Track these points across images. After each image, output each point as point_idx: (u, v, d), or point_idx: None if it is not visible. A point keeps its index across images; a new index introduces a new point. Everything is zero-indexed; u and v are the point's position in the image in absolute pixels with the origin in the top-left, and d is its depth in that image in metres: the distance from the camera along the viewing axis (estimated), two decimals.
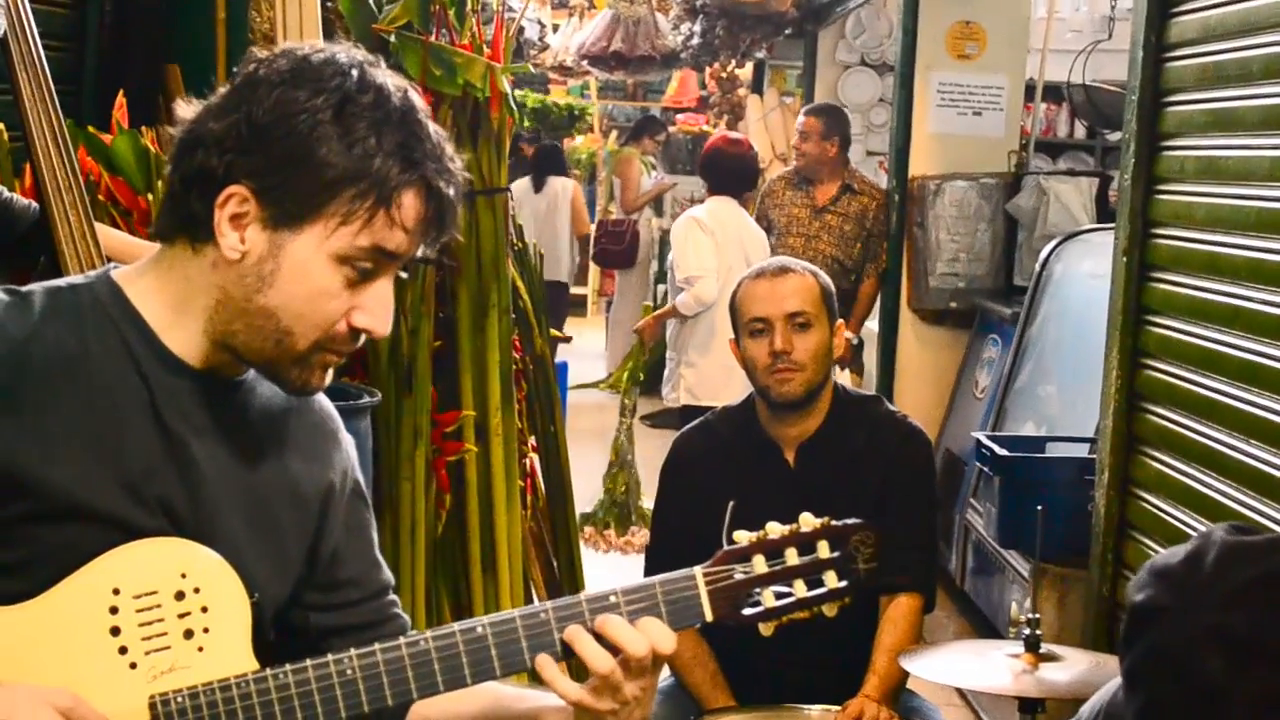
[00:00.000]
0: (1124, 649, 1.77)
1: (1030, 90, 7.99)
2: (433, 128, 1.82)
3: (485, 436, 4.42)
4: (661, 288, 12.61)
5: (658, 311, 6.55)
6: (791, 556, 1.90)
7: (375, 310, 1.82)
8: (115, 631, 1.77)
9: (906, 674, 3.10)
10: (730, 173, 6.76)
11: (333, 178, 1.75)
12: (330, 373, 1.87)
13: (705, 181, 6.92)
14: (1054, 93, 8.72)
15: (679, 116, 15.89)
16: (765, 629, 1.89)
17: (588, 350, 13.13)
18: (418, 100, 1.83)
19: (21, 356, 1.77)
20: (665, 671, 2.24)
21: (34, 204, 2.76)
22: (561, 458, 4.95)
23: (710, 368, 6.43)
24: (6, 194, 2.79)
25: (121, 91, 3.41)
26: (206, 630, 1.80)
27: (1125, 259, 4.11)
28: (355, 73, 1.79)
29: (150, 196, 3.28)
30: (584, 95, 16.60)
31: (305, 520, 1.99)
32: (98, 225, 2.74)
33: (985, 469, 4.82)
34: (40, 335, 1.79)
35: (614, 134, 16.19)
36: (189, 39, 4.04)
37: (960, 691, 5.27)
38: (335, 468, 2.03)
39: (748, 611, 1.89)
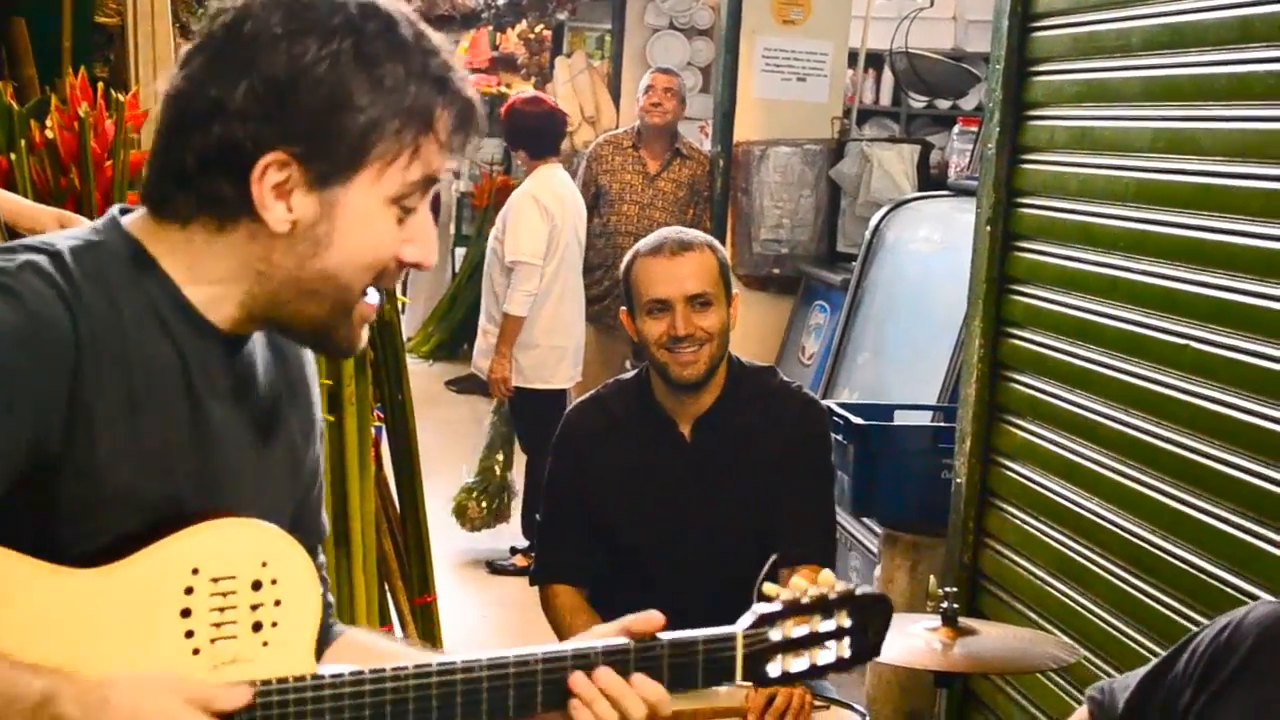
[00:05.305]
0: None
1: (853, 57, 8.03)
2: (434, 35, 1.73)
3: (339, 406, 4.28)
4: (460, 250, 12.48)
5: (498, 349, 6.35)
6: (815, 621, 1.88)
7: (424, 241, 1.76)
8: (186, 613, 1.68)
9: None
10: (546, 134, 6.63)
11: (373, 119, 1.66)
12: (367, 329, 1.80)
13: (520, 148, 6.73)
14: (873, 60, 8.78)
15: (471, 78, 15.70)
16: (766, 690, 1.89)
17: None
18: (410, 12, 1.73)
19: (95, 333, 1.65)
20: None
21: None
22: (409, 427, 4.82)
23: (544, 352, 6.34)
24: None
25: None
26: (275, 624, 1.72)
27: (989, 228, 4.12)
28: (352, 6, 1.68)
29: (13, 156, 3.07)
30: None
31: (299, 477, 1.93)
32: None
33: (839, 436, 4.82)
34: (99, 304, 1.66)
35: None
36: None
37: None
38: (317, 409, 1.97)
39: (771, 674, 1.87)
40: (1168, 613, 3.23)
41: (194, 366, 1.73)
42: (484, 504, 6.87)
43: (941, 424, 4.87)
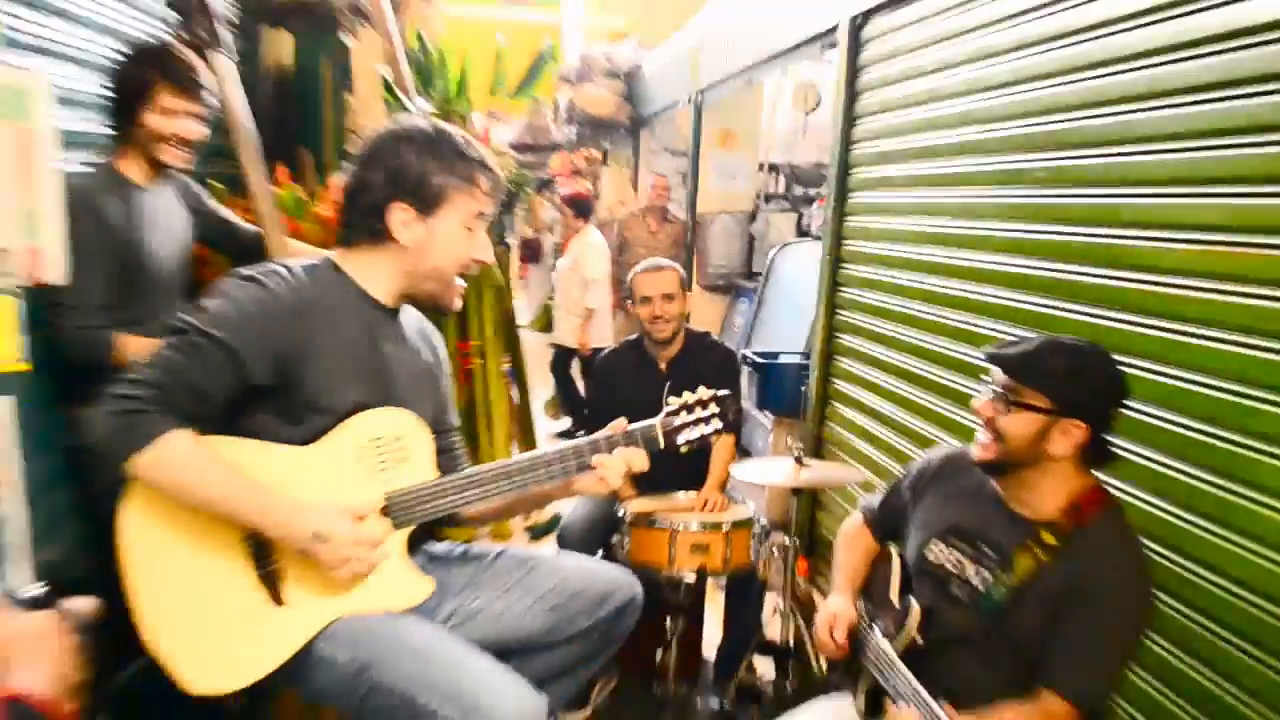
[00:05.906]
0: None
1: (762, 166, 7.98)
2: (475, 141, 1.82)
3: (486, 356, 4.34)
4: (554, 274, 12.42)
5: (583, 327, 6.30)
6: (699, 410, 1.94)
7: (484, 249, 1.84)
8: (362, 457, 1.75)
9: (729, 475, 3.12)
10: (590, 206, 6.60)
11: (445, 182, 1.75)
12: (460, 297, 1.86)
13: (580, 215, 6.55)
14: (775, 167, 8.70)
15: (559, 179, 15.58)
16: (685, 449, 1.92)
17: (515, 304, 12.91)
18: (461, 130, 1.82)
19: (308, 306, 1.72)
20: None
21: (255, 228, 2.61)
22: (521, 371, 4.87)
23: (604, 329, 6.31)
24: (246, 226, 2.64)
25: (282, 163, 3.23)
26: (408, 459, 1.79)
27: (829, 257, 4.10)
28: (426, 125, 1.77)
29: (304, 225, 3.11)
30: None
31: (436, 388, 1.97)
32: (290, 241, 2.60)
33: (750, 368, 4.85)
34: (313, 294, 1.73)
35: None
36: (309, 122, 3.85)
37: None
38: (442, 352, 2.02)
39: (680, 441, 1.92)
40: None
41: (373, 325, 1.80)
42: (556, 406, 6.97)
43: (804, 362, 4.87)
